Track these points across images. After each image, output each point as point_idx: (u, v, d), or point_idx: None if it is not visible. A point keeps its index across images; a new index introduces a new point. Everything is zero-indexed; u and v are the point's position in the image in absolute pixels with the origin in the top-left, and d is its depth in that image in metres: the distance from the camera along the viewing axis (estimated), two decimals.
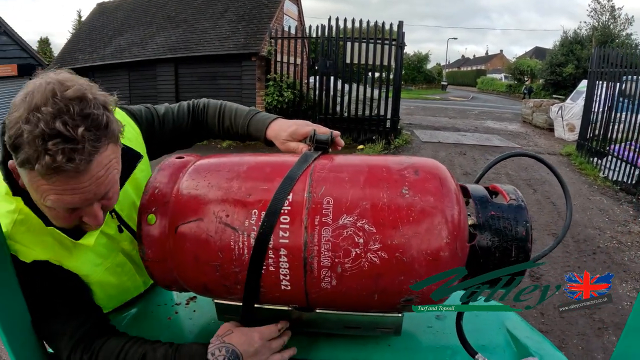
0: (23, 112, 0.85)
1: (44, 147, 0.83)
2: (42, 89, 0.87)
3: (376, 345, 1.21)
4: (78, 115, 0.87)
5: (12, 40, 14.13)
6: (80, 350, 1.06)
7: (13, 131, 0.86)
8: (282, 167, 1.04)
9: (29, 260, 1.04)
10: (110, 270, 1.22)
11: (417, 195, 0.93)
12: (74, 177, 0.89)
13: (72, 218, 1.00)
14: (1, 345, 1.04)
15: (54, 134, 0.84)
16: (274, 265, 0.95)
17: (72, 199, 0.93)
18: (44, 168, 0.85)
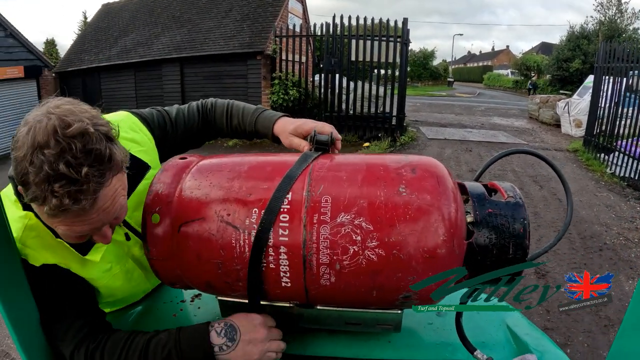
0: (27, 151, 0.86)
1: (50, 189, 0.85)
2: (43, 126, 0.87)
3: (377, 342, 1.22)
4: (81, 153, 0.87)
5: (18, 42, 14.18)
6: (84, 347, 1.07)
7: (19, 169, 0.87)
8: (283, 167, 1.06)
9: (38, 264, 1.06)
10: (119, 276, 1.23)
11: (414, 193, 0.95)
12: (81, 214, 0.91)
13: (82, 238, 1.02)
14: (11, 344, 1.06)
15: (58, 176, 0.84)
16: (274, 263, 0.97)
17: (81, 228, 0.95)
18: (51, 210, 0.87)
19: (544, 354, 1.16)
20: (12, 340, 3.11)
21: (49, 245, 1.08)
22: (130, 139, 1.24)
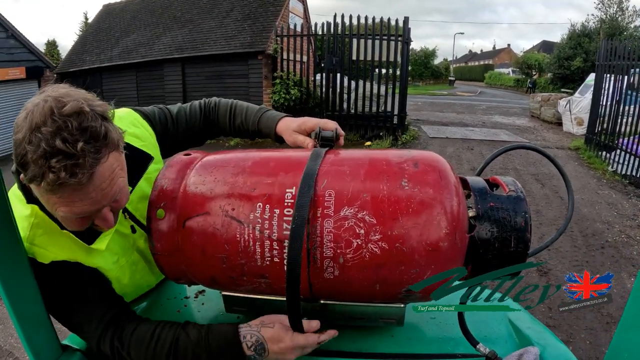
0: (25, 133, 0.89)
1: (47, 165, 0.87)
2: (40, 108, 0.90)
3: (380, 336, 1.23)
4: (77, 130, 0.89)
5: (20, 43, 14.20)
6: (110, 335, 1.10)
7: (18, 151, 0.90)
8: (286, 162, 1.07)
9: (47, 261, 1.07)
10: (125, 268, 1.25)
11: (417, 187, 0.96)
12: (79, 190, 0.92)
13: (84, 222, 1.03)
14: (14, 343, 1.07)
15: (55, 152, 0.87)
16: (278, 257, 0.98)
17: (81, 208, 0.97)
18: (49, 185, 0.89)
19: (546, 347, 1.17)
20: (15, 340, 3.14)
21: (56, 241, 1.09)
22: (131, 134, 1.26)
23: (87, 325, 1.11)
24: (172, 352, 1.07)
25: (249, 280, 1.04)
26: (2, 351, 3.89)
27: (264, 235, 0.98)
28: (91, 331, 1.10)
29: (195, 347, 1.07)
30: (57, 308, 1.11)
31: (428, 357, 1.17)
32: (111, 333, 1.10)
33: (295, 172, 1.02)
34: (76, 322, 1.12)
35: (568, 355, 1.18)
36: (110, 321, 1.11)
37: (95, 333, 1.10)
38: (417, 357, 1.17)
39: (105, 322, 1.11)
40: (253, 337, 1.07)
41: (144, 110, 1.40)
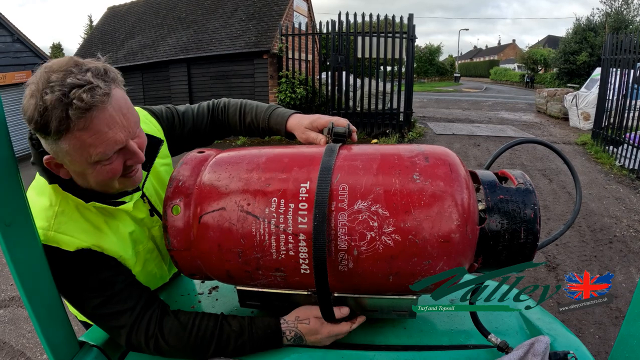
0: (37, 97, 0.94)
1: (68, 99, 0.93)
2: (39, 74, 0.97)
3: (392, 328, 1.25)
4: (81, 71, 0.96)
5: (26, 47, 14.29)
6: (145, 324, 1.14)
7: (37, 112, 0.94)
8: (299, 158, 1.09)
9: (73, 248, 1.09)
10: (142, 256, 1.28)
11: (428, 180, 0.98)
12: (104, 111, 0.98)
13: (119, 164, 1.08)
14: (26, 343, 1.09)
15: (70, 87, 0.93)
16: (293, 250, 1.00)
17: (114, 135, 1.01)
18: (77, 114, 0.94)
19: (556, 337, 1.19)
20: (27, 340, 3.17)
21: (80, 227, 1.11)
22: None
23: (118, 316, 1.13)
24: (214, 340, 1.13)
25: (264, 274, 1.06)
26: (14, 351, 3.93)
27: (279, 229, 1.00)
28: (123, 321, 1.13)
29: (238, 336, 1.14)
30: (84, 300, 1.13)
31: (440, 348, 1.18)
32: (146, 322, 1.14)
33: (309, 167, 1.05)
34: (106, 314, 1.14)
35: (578, 344, 1.20)
36: (142, 310, 1.15)
37: (127, 321, 1.13)
38: (430, 348, 1.18)
39: (137, 311, 1.14)
40: (292, 333, 1.15)
41: (152, 109, 1.44)
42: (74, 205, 1.12)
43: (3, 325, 4.39)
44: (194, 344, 1.13)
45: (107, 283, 1.14)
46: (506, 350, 1.11)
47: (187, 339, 1.13)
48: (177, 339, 1.13)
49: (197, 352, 1.13)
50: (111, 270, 1.16)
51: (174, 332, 1.14)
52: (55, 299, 1.08)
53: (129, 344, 1.15)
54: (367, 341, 1.21)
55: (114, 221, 1.19)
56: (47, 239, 1.07)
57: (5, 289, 5.18)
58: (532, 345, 1.06)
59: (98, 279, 1.13)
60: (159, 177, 1.37)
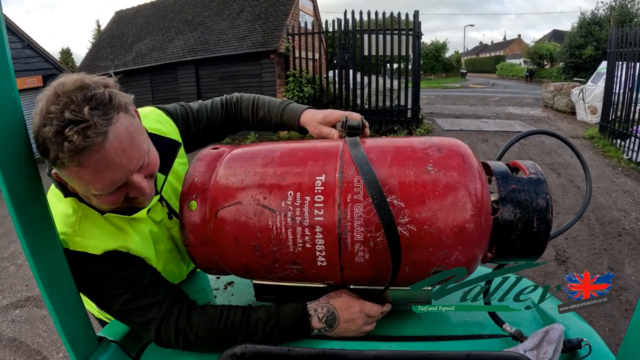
0: (39, 121, 0.94)
1: (62, 137, 0.91)
2: (46, 95, 0.96)
3: (408, 320, 1.26)
4: (82, 101, 0.93)
5: (35, 52, 14.42)
6: (174, 318, 1.15)
7: (38, 140, 0.94)
8: (314, 151, 1.11)
9: (100, 252, 1.10)
10: (162, 255, 1.30)
11: (442, 171, 0.99)
12: (99, 151, 0.95)
13: (119, 196, 1.07)
14: (42, 342, 1.10)
15: (66, 123, 0.91)
16: (310, 243, 1.01)
17: (111, 177, 1.00)
18: (68, 155, 0.92)
19: (569, 326, 1.20)
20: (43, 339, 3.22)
21: (105, 230, 1.13)
22: (156, 129, 1.30)
23: (147, 310, 1.15)
24: (243, 329, 1.14)
25: (280, 267, 1.08)
26: (31, 350, 4.00)
27: (296, 222, 1.01)
28: (152, 315, 1.15)
29: (265, 324, 1.14)
30: (113, 299, 1.14)
31: (455, 338, 1.19)
32: (175, 316, 1.15)
33: (324, 160, 1.06)
34: (134, 309, 1.15)
35: (591, 332, 1.21)
36: (170, 304, 1.17)
37: (157, 315, 1.14)
38: (445, 338, 1.19)
39: (166, 305, 1.16)
40: (324, 309, 1.14)
41: (167, 108, 1.45)
42: (96, 210, 1.14)
43: (19, 325, 4.46)
44: (222, 334, 1.14)
45: (134, 279, 1.15)
46: (521, 339, 1.11)
47: (216, 329, 1.14)
48: (205, 330, 1.14)
49: (226, 341, 1.13)
50: (137, 267, 1.17)
51: (202, 323, 1.15)
52: (74, 294, 1.10)
53: (158, 339, 1.16)
54: (384, 332, 1.22)
55: (137, 223, 1.21)
56: (74, 244, 1.09)
57: (21, 290, 5.26)
58: (547, 333, 1.07)
59: (125, 275, 1.14)
60: (178, 176, 1.38)
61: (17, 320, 4.55)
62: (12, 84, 0.90)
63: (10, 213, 0.94)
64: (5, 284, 5.51)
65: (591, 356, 1.09)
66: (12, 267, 6.05)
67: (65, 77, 0.99)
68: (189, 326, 1.15)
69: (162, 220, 1.31)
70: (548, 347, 1.04)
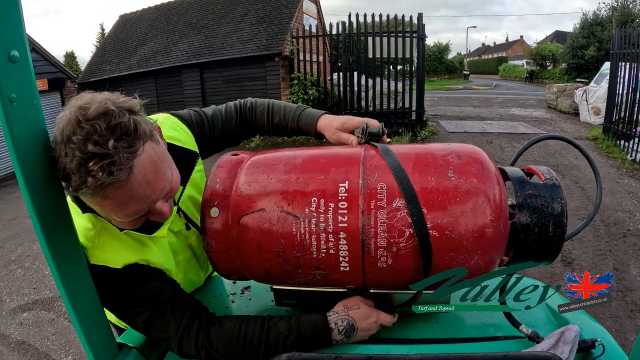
0: (60, 147, 0.91)
1: (85, 170, 0.88)
2: (67, 119, 0.91)
3: (426, 323, 1.28)
4: (106, 130, 0.90)
5: (41, 56, 14.48)
6: (194, 334, 1.15)
7: (60, 166, 0.92)
8: (336, 158, 1.12)
9: (120, 265, 1.11)
10: (182, 264, 1.32)
11: (462, 177, 1.01)
12: (124, 187, 0.94)
13: (140, 220, 1.07)
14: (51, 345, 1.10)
15: (89, 157, 0.88)
16: (333, 248, 1.03)
17: (134, 208, 1.00)
18: (92, 189, 0.90)
19: (582, 327, 1.21)
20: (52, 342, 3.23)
21: (124, 244, 1.14)
22: (172, 137, 1.30)
23: (167, 327, 1.15)
24: (262, 344, 1.14)
25: (303, 273, 1.09)
26: (39, 353, 4.02)
27: (320, 229, 1.03)
28: (172, 332, 1.15)
29: (286, 338, 1.14)
30: (134, 314, 1.15)
31: (473, 340, 1.21)
32: (195, 332, 1.15)
33: (346, 167, 1.08)
34: (155, 324, 1.16)
35: (604, 333, 1.23)
36: (189, 321, 1.16)
37: (177, 334, 1.15)
38: (463, 341, 1.21)
39: (185, 322, 1.16)
40: (344, 322, 1.15)
41: (181, 114, 1.44)
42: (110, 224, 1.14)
43: (28, 328, 4.49)
44: (242, 350, 1.14)
45: (154, 294, 1.16)
46: (537, 340, 1.13)
47: (236, 346, 1.14)
48: (225, 347, 1.14)
49: (247, 357, 1.14)
50: (157, 281, 1.18)
51: (222, 340, 1.15)
52: (95, 302, 1.12)
53: (182, 354, 1.17)
54: (403, 335, 1.24)
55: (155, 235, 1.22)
56: (94, 258, 1.10)
57: (29, 293, 5.28)
58: (563, 333, 1.10)
59: (145, 290, 1.15)
60: (195, 184, 1.38)
61: (25, 323, 4.58)
62: (34, 91, 0.91)
63: (33, 222, 0.94)
64: (13, 287, 5.53)
65: (604, 356, 1.11)
66: (19, 270, 6.08)
67: (88, 98, 0.96)
68: (208, 342, 1.15)
69: (180, 231, 1.32)
70: (564, 348, 1.06)
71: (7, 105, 0.83)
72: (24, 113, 0.87)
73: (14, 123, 0.85)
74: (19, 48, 0.85)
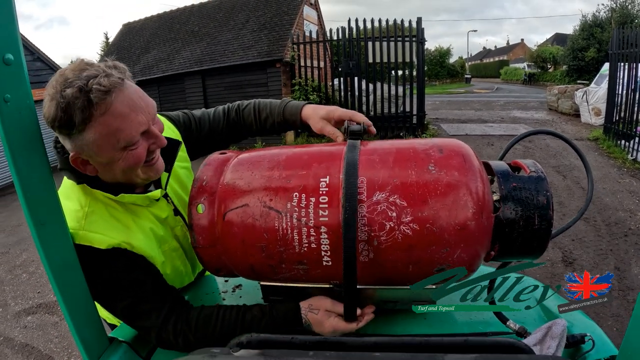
0: (57, 95, 1.01)
1: (88, 87, 1.00)
2: (55, 78, 1.04)
3: (413, 320, 1.28)
4: (93, 66, 1.05)
5: (46, 65, 14.55)
6: (172, 321, 1.18)
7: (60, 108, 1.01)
8: (318, 154, 1.13)
9: (105, 246, 1.14)
10: (167, 254, 1.33)
11: (443, 170, 1.01)
12: (122, 92, 1.06)
13: (143, 150, 1.14)
14: (54, 347, 1.12)
15: (87, 78, 1.01)
16: (315, 243, 1.04)
17: (136, 118, 1.09)
18: (98, 95, 1.01)
19: (573, 322, 1.22)
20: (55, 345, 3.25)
21: (110, 224, 1.17)
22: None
23: (147, 316, 1.18)
24: (238, 327, 1.17)
25: (287, 268, 1.10)
26: (43, 355, 4.06)
27: (301, 223, 1.03)
28: (152, 322, 1.18)
29: (260, 320, 1.18)
30: (115, 300, 1.19)
31: (460, 336, 1.20)
32: (174, 319, 1.19)
33: (328, 162, 1.08)
34: (135, 313, 1.19)
35: (594, 327, 1.23)
36: (170, 310, 1.20)
37: (156, 322, 1.18)
38: (449, 336, 1.21)
39: (165, 312, 1.19)
40: (303, 319, 1.18)
41: (169, 115, 1.50)
42: (102, 205, 1.19)
43: (31, 331, 4.52)
44: (220, 332, 1.17)
45: (137, 283, 1.19)
46: (525, 335, 1.13)
47: (214, 328, 1.18)
48: (204, 329, 1.18)
49: (224, 338, 1.16)
50: (141, 270, 1.21)
51: (200, 323, 1.18)
52: (86, 296, 1.14)
53: (159, 342, 1.20)
54: (389, 331, 1.24)
55: (140, 220, 1.25)
56: (79, 238, 1.12)
57: (33, 297, 5.32)
58: (550, 328, 1.09)
59: (128, 278, 1.18)
60: (179, 180, 1.42)
61: (29, 327, 4.62)
62: (28, 92, 0.95)
63: (25, 216, 0.98)
64: (18, 291, 5.58)
65: (594, 351, 1.11)
66: (24, 274, 6.13)
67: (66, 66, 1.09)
68: (188, 327, 1.18)
69: (167, 218, 1.34)
70: (551, 342, 1.05)
71: (1, 104, 0.89)
72: (17, 112, 0.93)
73: (8, 121, 0.91)
74: (13, 51, 0.90)
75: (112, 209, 1.20)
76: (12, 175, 0.95)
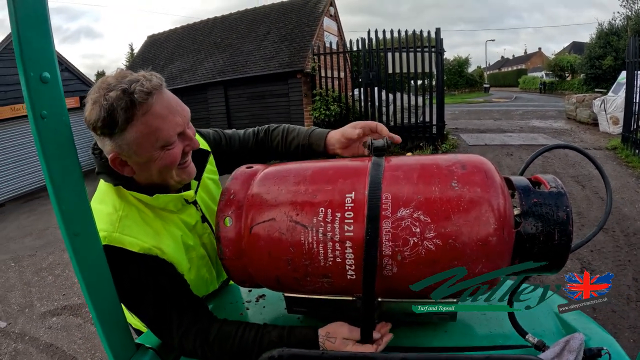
0: (100, 99, 1.10)
1: (131, 90, 1.09)
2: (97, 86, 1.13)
3: (434, 332, 1.30)
4: (133, 73, 1.15)
5: (73, 75, 14.92)
6: (193, 332, 1.22)
7: (104, 110, 1.09)
8: (343, 170, 1.16)
9: (137, 249, 1.18)
10: (195, 262, 1.37)
11: (466, 187, 1.03)
12: (162, 95, 1.16)
13: (179, 150, 1.22)
14: (77, 349, 1.16)
15: (129, 82, 1.11)
16: (340, 257, 1.06)
17: (174, 119, 1.18)
18: (141, 95, 1.10)
19: (591, 336, 1.22)
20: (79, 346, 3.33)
21: (142, 229, 1.22)
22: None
23: (170, 324, 1.22)
24: (255, 349, 1.18)
25: (312, 281, 1.12)
26: (66, 356, 4.17)
27: (327, 237, 1.06)
28: (174, 329, 1.22)
29: (276, 346, 1.17)
30: (141, 305, 1.23)
31: (480, 349, 1.23)
32: (195, 331, 1.22)
33: (353, 178, 1.11)
34: (159, 321, 1.23)
35: (612, 341, 1.23)
36: (192, 320, 1.23)
37: (178, 331, 1.21)
38: (471, 349, 1.22)
39: (187, 321, 1.22)
40: (320, 347, 1.18)
41: (201, 131, 1.56)
42: (135, 210, 1.24)
43: (56, 331, 4.64)
44: (237, 352, 1.20)
45: (163, 290, 1.23)
46: (543, 349, 1.14)
47: (231, 348, 1.20)
48: (221, 348, 1.21)
49: (240, 358, 1.20)
50: (168, 278, 1.25)
51: (219, 341, 1.21)
52: (115, 303, 1.18)
53: (181, 349, 1.24)
54: (412, 344, 1.25)
55: (170, 227, 1.29)
56: (112, 240, 1.16)
57: (58, 298, 5.45)
58: (568, 342, 1.09)
59: (156, 284, 1.22)
60: (207, 189, 1.48)
61: (54, 327, 4.72)
62: (63, 108, 0.99)
63: (60, 228, 1.02)
64: (44, 293, 5.73)
65: None
66: (50, 277, 6.29)
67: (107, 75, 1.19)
68: (206, 342, 1.21)
69: (196, 225, 1.39)
70: (569, 356, 1.06)
71: (39, 121, 0.93)
72: (54, 128, 0.96)
73: (44, 137, 0.95)
74: (49, 70, 0.94)
75: (144, 214, 1.25)
76: (47, 188, 0.98)
